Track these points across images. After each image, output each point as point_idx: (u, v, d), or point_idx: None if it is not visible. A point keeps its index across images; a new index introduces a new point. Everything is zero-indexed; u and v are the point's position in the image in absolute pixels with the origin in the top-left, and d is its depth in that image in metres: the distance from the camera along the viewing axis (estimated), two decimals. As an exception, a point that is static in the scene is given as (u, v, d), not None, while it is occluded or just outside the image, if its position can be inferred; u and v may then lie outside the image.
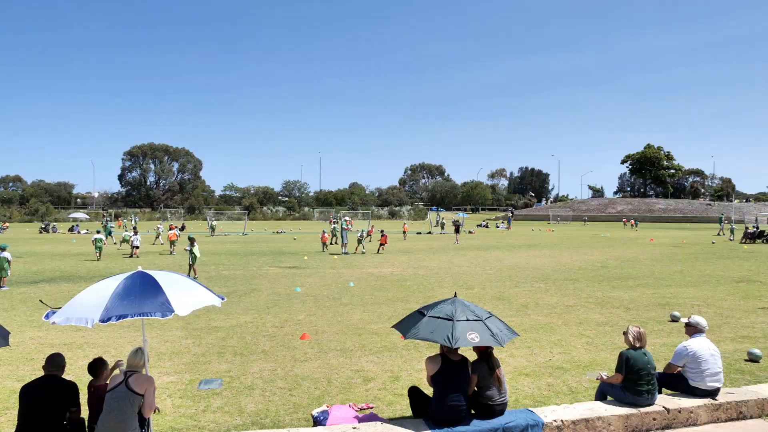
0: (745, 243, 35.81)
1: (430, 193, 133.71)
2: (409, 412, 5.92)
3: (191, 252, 18.34)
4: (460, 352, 5.47)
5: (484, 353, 5.55)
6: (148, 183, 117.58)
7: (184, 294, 4.85)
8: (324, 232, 29.26)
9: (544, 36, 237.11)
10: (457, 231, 37.55)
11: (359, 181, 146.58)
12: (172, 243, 28.52)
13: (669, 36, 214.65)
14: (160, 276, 4.95)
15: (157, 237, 36.26)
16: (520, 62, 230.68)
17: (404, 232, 41.93)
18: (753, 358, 8.57)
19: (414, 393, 5.73)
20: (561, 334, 10.29)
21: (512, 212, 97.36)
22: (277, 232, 50.47)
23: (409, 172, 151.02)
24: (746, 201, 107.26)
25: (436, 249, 30.99)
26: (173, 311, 4.57)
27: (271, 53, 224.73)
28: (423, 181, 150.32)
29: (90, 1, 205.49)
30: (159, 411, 6.13)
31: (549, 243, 36.09)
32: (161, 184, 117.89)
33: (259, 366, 8.21)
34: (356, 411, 6.11)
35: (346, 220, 29.76)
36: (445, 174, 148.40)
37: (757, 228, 39.87)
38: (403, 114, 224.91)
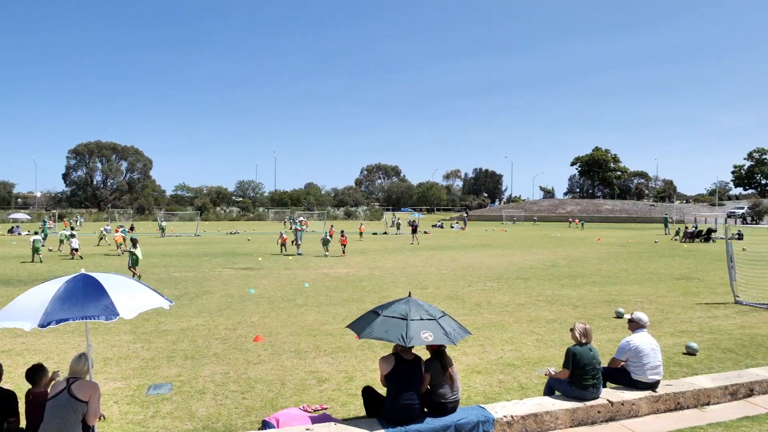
0: (684, 242, 37.65)
1: (386, 193, 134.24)
2: (363, 412, 5.93)
3: (132, 254, 17.83)
4: (413, 351, 5.53)
5: (437, 352, 5.63)
6: (95, 182, 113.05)
7: (130, 296, 4.71)
8: (282, 233, 28.71)
9: (498, 39, 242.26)
10: (414, 231, 37.87)
11: (315, 181, 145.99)
12: (119, 245, 27.63)
13: (615, 42, 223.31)
14: (104, 278, 4.78)
15: (101, 238, 34.86)
16: (475, 64, 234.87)
17: (360, 233, 41.95)
18: (690, 352, 9.04)
19: (367, 393, 5.75)
20: (512, 332, 10.54)
21: (467, 212, 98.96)
22: (231, 233, 49.50)
23: (366, 172, 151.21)
24: (686, 202, 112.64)
25: (392, 249, 31.14)
26: (118, 314, 4.42)
27: (225, 51, 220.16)
28: (379, 181, 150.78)
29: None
30: (104, 418, 5.91)
31: (502, 243, 36.88)
32: (109, 184, 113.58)
33: (211, 369, 8.04)
34: (310, 412, 6.07)
35: (300, 221, 29.40)
36: (401, 175, 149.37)
37: (696, 228, 42.02)
38: (359, 114, 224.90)
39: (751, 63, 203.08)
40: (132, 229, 44.65)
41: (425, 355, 5.76)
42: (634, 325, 6.77)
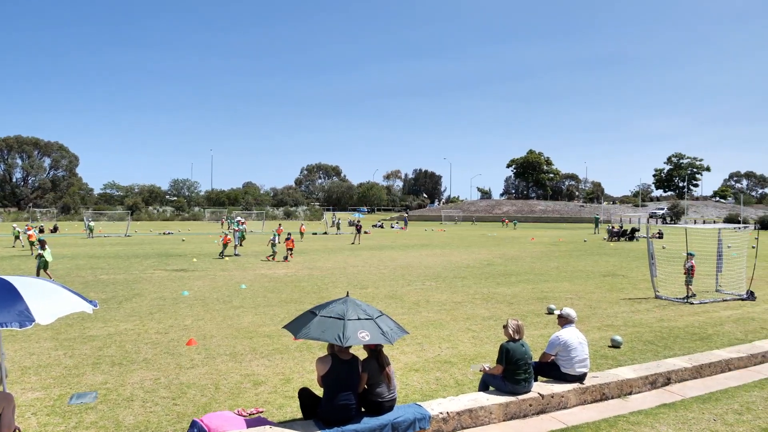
0: (611, 241, 39.71)
1: (326, 193, 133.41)
2: (300, 415, 5.85)
3: (40, 256, 16.86)
4: (351, 351, 5.51)
5: (375, 351, 5.64)
6: (14, 180, 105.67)
7: (48, 300, 4.40)
8: (225, 234, 27.37)
9: (437, 41, 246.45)
10: (358, 231, 37.92)
11: (254, 180, 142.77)
12: (32, 244, 26.12)
13: (550, 48, 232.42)
14: (18, 281, 4.45)
15: (16, 239, 32.57)
16: (415, 65, 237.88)
17: (301, 233, 41.47)
18: (615, 344, 9.53)
19: (304, 394, 5.68)
20: (449, 330, 10.73)
21: (407, 212, 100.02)
22: (164, 234, 47.63)
23: (306, 172, 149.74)
24: (613, 203, 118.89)
25: (332, 249, 30.99)
26: (34, 320, 4.13)
27: (160, 45, 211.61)
28: (319, 181, 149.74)
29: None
30: (20, 431, 5.51)
31: (441, 242, 37.52)
32: (30, 182, 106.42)
33: (140, 375, 7.69)
34: (245, 416, 5.92)
35: (238, 221, 28.63)
36: (342, 175, 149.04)
37: (621, 227, 44.45)
38: (300, 114, 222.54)
39: (672, 74, 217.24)
40: (55, 230, 41.89)
41: (363, 354, 5.76)
42: (563, 321, 7.05)
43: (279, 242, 24.71)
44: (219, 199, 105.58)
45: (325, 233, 48.69)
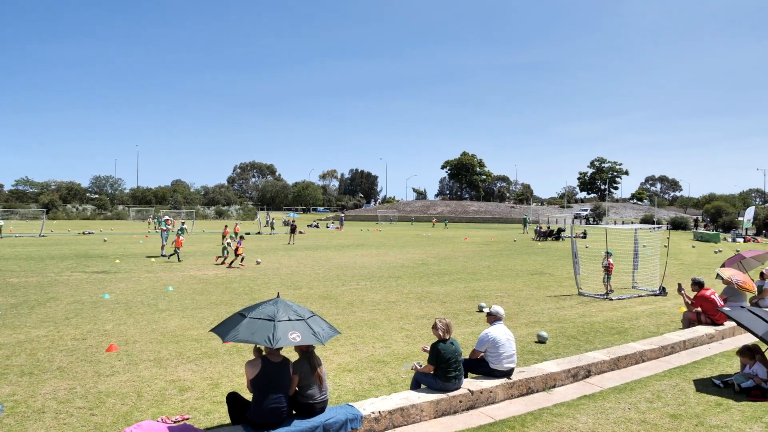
0: (538, 241, 41.39)
1: (260, 192, 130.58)
2: (228, 420, 5.66)
3: None
4: (282, 353, 5.40)
5: (306, 352, 5.55)
6: None
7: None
8: (178, 234, 25.07)
9: (373, 41, 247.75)
10: (292, 231, 37.39)
11: (183, 178, 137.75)
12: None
13: (482, 52, 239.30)
14: None
15: None
16: (352, 65, 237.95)
17: (236, 234, 40.30)
18: (541, 340, 9.92)
19: (232, 399, 5.50)
20: (383, 329, 10.77)
21: (343, 212, 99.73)
22: (84, 233, 44.92)
23: (239, 170, 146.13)
24: (541, 204, 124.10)
25: (266, 249, 30.39)
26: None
27: (81, 33, 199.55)
28: (253, 180, 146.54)
29: None
30: None
31: (376, 242, 37.69)
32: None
33: (53, 385, 7.18)
34: (169, 423, 5.65)
35: (165, 220, 27.43)
36: (277, 173, 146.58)
37: (549, 227, 46.45)
38: (234, 111, 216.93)
39: (595, 82, 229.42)
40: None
41: (295, 356, 5.66)
42: (492, 318, 7.25)
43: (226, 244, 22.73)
44: (145, 198, 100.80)
45: (259, 233, 47.66)
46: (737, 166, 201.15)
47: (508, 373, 6.98)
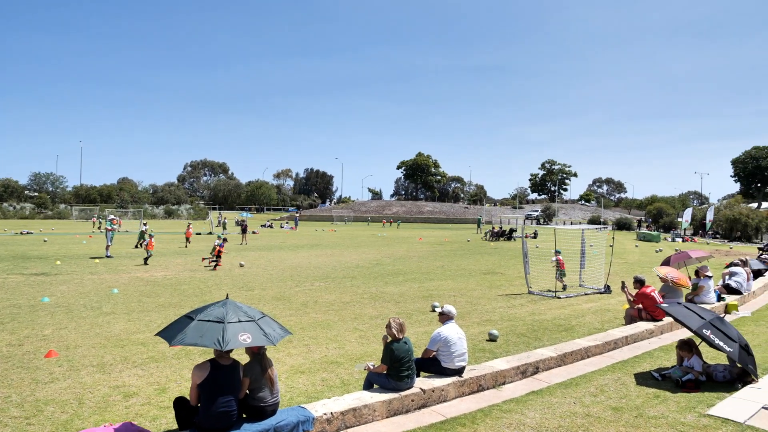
0: (491, 240, 42.23)
1: (212, 191, 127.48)
2: (176, 426, 5.50)
3: None
4: (232, 356, 5.30)
5: (257, 354, 5.47)
6: None
7: None
8: (150, 236, 23.63)
9: (328, 40, 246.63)
10: (244, 231, 36.70)
11: (130, 176, 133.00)
12: None
13: (437, 53, 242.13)
14: None
15: None
16: (307, 64, 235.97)
17: (187, 238, 39.13)
18: (492, 338, 10.12)
19: (180, 403, 5.34)
20: (337, 330, 10.73)
21: (298, 212, 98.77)
22: (22, 233, 42.68)
23: (190, 168, 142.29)
24: (494, 205, 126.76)
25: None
26: None
27: (19, 21, 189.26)
28: (205, 178, 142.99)
29: None
30: None
31: (331, 243, 37.52)
32: None
33: (-14, 394, 6.79)
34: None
35: (111, 220, 26.39)
36: (229, 172, 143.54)
37: (501, 228, 47.47)
38: (184, 108, 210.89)
39: (546, 86, 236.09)
40: None
41: (245, 358, 5.56)
42: (444, 318, 7.34)
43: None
44: (89, 196, 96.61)
45: (210, 233, 46.57)
46: (677, 170, 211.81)
47: (459, 372, 7.08)
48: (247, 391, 5.39)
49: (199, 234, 44.74)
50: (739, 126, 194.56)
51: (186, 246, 31.56)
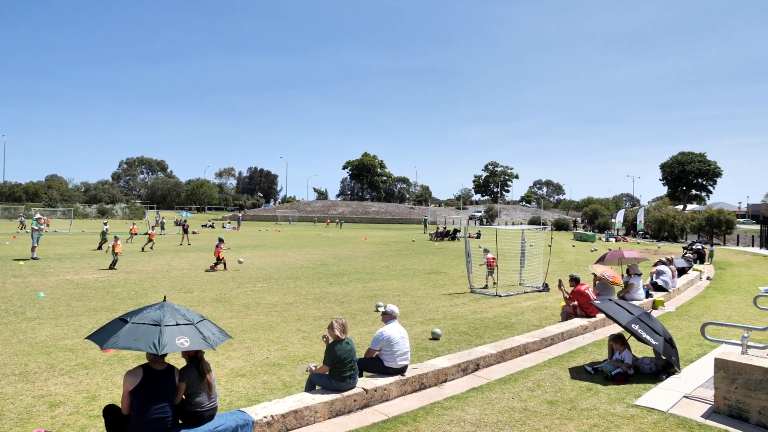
0: (435, 241, 42.84)
1: (149, 190, 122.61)
2: (106, 435, 5.25)
3: None
4: (166, 360, 5.10)
5: (195, 358, 5.29)
6: None
7: None
8: (116, 238, 21.28)
9: (272, 37, 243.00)
10: (185, 231, 35.57)
11: (60, 173, 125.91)
12: None
13: (382, 54, 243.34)
14: None
15: None
16: (250, 61, 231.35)
17: (132, 233, 37.45)
18: (435, 337, 10.25)
19: (110, 411, 5.10)
20: (280, 332, 10.57)
21: (241, 211, 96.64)
22: (-62, 234, 39.57)
23: (125, 166, 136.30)
24: (439, 206, 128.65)
25: (155, 251, 28.65)
26: None
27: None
28: (142, 176, 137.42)
29: None
30: None
31: (275, 243, 36.95)
32: None
33: None
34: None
35: (38, 219, 24.91)
36: (168, 170, 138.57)
37: (445, 228, 48.27)
38: (120, 104, 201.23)
39: (489, 89, 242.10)
40: None
41: (181, 363, 5.37)
42: (387, 317, 7.38)
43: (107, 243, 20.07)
44: (14, 194, 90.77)
45: (147, 233, 44.75)
46: (611, 173, 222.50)
47: (402, 371, 7.13)
48: (184, 396, 5.21)
49: (136, 234, 42.94)
50: (667, 132, 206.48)
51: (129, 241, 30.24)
